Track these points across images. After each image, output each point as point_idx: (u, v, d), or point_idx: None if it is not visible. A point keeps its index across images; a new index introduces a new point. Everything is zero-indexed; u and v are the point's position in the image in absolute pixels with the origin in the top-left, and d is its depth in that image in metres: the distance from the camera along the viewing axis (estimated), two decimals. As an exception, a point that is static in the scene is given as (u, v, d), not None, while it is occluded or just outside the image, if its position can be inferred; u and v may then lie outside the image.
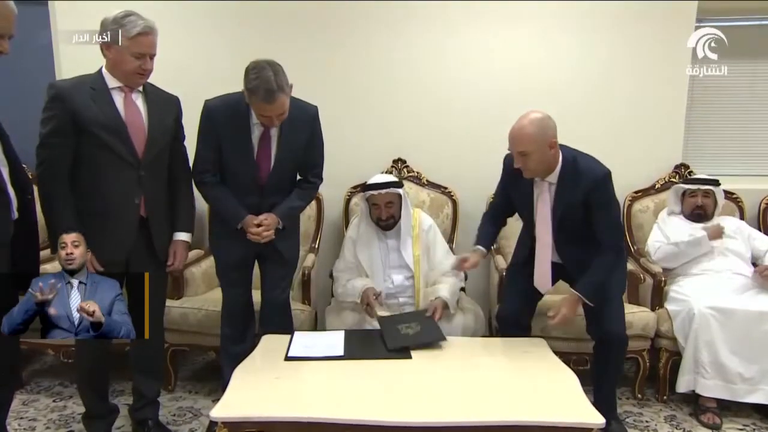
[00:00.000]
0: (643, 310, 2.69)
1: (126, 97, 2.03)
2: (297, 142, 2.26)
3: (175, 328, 2.63)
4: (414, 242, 2.57)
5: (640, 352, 2.66)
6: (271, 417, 1.66)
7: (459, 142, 3.29)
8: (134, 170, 2.03)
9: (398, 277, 2.52)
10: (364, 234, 2.57)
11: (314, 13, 3.20)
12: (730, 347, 2.44)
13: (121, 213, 2.04)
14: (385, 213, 2.55)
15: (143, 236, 2.10)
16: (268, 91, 1.99)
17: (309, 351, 2.06)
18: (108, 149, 1.98)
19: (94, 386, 2.23)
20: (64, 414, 2.55)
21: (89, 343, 2.12)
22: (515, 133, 2.17)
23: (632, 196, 3.25)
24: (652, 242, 2.91)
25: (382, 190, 2.53)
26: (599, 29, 3.19)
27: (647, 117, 3.24)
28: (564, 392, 1.80)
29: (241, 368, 1.93)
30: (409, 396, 1.78)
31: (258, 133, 2.20)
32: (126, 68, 1.97)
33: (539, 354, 2.10)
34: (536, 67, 3.23)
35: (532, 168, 2.18)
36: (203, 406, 2.60)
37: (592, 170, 2.19)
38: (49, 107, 1.93)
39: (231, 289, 2.38)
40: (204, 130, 2.22)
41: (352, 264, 2.58)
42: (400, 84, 3.27)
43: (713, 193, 2.87)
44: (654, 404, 2.68)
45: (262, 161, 2.23)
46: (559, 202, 2.22)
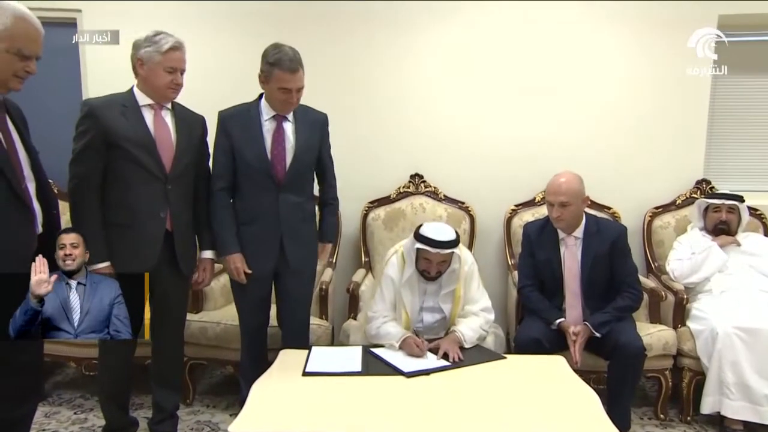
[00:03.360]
0: (664, 328, 2.66)
1: (156, 114, 2.10)
2: (312, 140, 2.31)
3: (193, 341, 2.65)
4: (458, 287, 2.41)
5: (663, 371, 2.63)
6: (287, 432, 1.67)
7: (475, 158, 3.29)
8: (161, 184, 2.08)
9: (429, 317, 2.42)
10: (409, 280, 2.36)
11: (335, 35, 3.25)
12: (756, 368, 2.40)
13: (147, 226, 2.09)
14: (435, 270, 2.32)
15: (167, 250, 2.14)
16: (292, 60, 2.10)
17: (326, 366, 2.06)
18: (137, 163, 2.04)
19: (115, 399, 2.25)
20: (85, 426, 2.57)
21: (112, 357, 2.17)
22: (560, 185, 2.43)
23: (652, 211, 3.22)
24: (672, 260, 2.88)
25: (442, 250, 2.24)
26: (618, 44, 3.19)
27: (668, 131, 3.22)
28: (584, 410, 1.77)
29: (259, 383, 1.94)
30: (427, 414, 1.76)
31: (271, 129, 2.24)
32: (159, 83, 2.04)
33: (559, 372, 2.07)
34: (553, 84, 3.23)
35: (568, 219, 2.45)
36: (221, 420, 2.61)
37: (614, 225, 2.65)
38: (83, 123, 2.01)
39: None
40: (219, 136, 2.27)
41: (390, 305, 2.40)
42: (417, 101, 3.29)
43: (738, 209, 2.84)
44: (678, 425, 2.63)
45: (278, 158, 2.25)
46: (587, 253, 2.49)
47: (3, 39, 1.53)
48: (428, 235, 2.26)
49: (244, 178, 2.26)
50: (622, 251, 2.50)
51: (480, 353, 2.25)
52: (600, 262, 2.47)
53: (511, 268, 3.13)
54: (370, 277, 3.09)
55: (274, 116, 2.24)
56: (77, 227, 2.03)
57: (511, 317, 2.88)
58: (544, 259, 2.56)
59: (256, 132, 2.23)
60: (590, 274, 2.48)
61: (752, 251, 2.80)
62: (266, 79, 2.16)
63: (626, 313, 2.47)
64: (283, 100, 2.17)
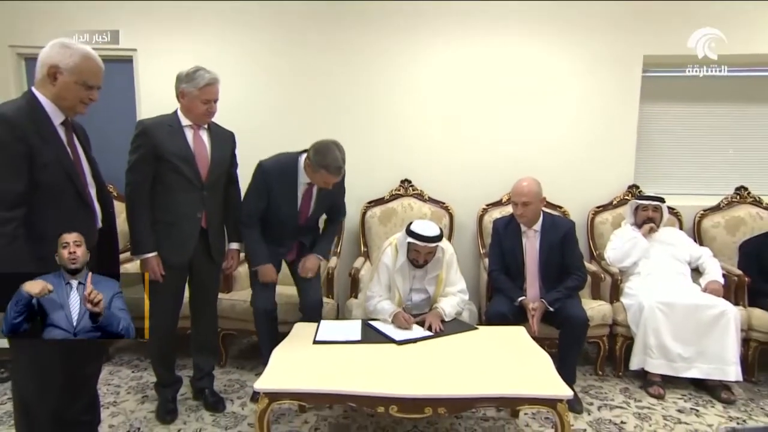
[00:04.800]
0: (603, 303, 2.65)
1: (195, 133, 2.08)
2: (330, 198, 2.36)
3: (225, 315, 2.61)
4: (440, 272, 2.37)
5: (601, 337, 2.62)
6: (302, 389, 1.65)
7: (454, 167, 3.25)
8: (198, 191, 2.06)
9: (417, 297, 2.39)
10: (401, 267, 2.33)
11: (336, 50, 3.20)
12: (673, 334, 2.42)
13: (187, 224, 2.07)
14: (422, 259, 2.30)
15: (203, 243, 2.12)
16: (339, 168, 2.14)
17: (333, 336, 2.03)
18: (179, 173, 2.01)
19: (163, 361, 2.22)
20: (140, 382, 2.55)
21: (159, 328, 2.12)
22: (522, 188, 2.43)
23: (594, 210, 3.20)
24: (608, 249, 2.86)
25: (429, 244, 2.22)
26: (572, 77, 3.17)
27: (606, 147, 3.20)
28: (540, 369, 1.77)
29: (278, 349, 1.91)
30: (414, 373, 1.74)
31: (302, 190, 2.28)
32: (196, 112, 2.03)
33: (520, 340, 2.06)
34: (517, 110, 3.20)
35: (529, 215, 2.45)
36: (248, 379, 2.58)
37: (565, 220, 2.62)
38: (138, 140, 1.99)
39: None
40: (258, 185, 2.25)
41: (385, 287, 2.38)
42: (407, 121, 3.24)
43: (660, 208, 2.82)
44: (611, 379, 2.62)
45: (303, 210, 2.31)
46: (544, 243, 2.48)
47: (73, 73, 1.55)
48: (418, 231, 2.23)
49: (272, 219, 2.30)
50: (571, 242, 2.49)
51: (457, 325, 2.22)
52: (554, 250, 2.47)
53: (482, 255, 3.11)
54: (368, 264, 3.05)
55: (309, 183, 2.27)
56: (131, 223, 2.03)
57: (483, 295, 2.86)
58: (509, 248, 2.54)
59: (293, 194, 2.27)
60: (546, 260, 2.48)
61: (671, 242, 2.79)
62: (316, 170, 2.17)
63: (574, 292, 2.46)
64: (321, 186, 2.24)
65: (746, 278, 2.63)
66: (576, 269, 2.47)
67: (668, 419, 2.22)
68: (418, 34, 3.18)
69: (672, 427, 2.16)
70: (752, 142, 3.26)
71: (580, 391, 2.43)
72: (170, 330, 2.17)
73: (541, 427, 2.14)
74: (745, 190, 3.13)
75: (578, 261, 2.51)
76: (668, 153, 3.32)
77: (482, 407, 2.14)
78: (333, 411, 2.23)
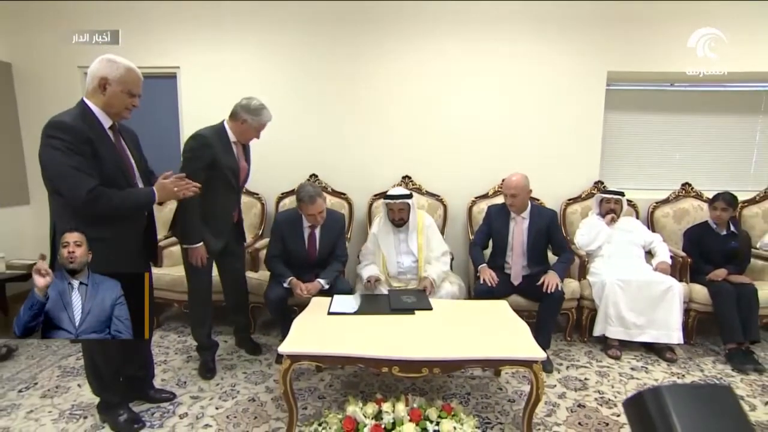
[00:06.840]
0: (573, 281, 2.62)
1: (238, 148, 2.11)
2: (332, 237, 2.38)
3: (253, 291, 2.58)
4: (418, 235, 2.48)
5: (570, 309, 2.59)
6: (319, 352, 1.63)
7: (448, 165, 3.19)
8: (235, 194, 2.15)
9: (406, 260, 2.42)
10: (383, 229, 2.46)
11: (341, 57, 3.12)
12: (629, 306, 2.41)
13: (224, 220, 2.13)
14: (398, 215, 2.46)
15: (234, 232, 2.21)
16: (310, 196, 2.19)
17: (344, 308, 2.01)
18: (225, 181, 2.05)
19: (202, 327, 2.22)
20: (185, 345, 2.54)
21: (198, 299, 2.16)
22: (511, 182, 2.41)
23: (566, 202, 3.14)
24: (577, 235, 2.81)
25: (398, 200, 2.45)
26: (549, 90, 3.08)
27: (577, 149, 3.14)
28: (519, 336, 1.74)
29: (298, 319, 1.89)
30: (412, 340, 1.71)
31: (307, 234, 2.34)
32: (247, 136, 2.09)
33: (503, 312, 2.02)
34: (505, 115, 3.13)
35: (517, 204, 2.43)
36: (273, 344, 2.56)
37: (549, 211, 2.56)
38: (200, 149, 1.96)
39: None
40: (275, 233, 2.34)
41: (373, 250, 2.49)
42: (411, 121, 3.17)
43: (621, 201, 2.77)
44: (578, 344, 2.60)
45: (311, 250, 2.36)
46: (531, 228, 2.46)
47: (119, 83, 1.54)
48: (389, 192, 2.51)
49: (290, 258, 2.34)
50: (556, 228, 2.49)
51: (418, 302, 2.08)
52: (540, 234, 2.45)
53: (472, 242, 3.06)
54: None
55: (311, 226, 2.33)
56: (184, 219, 2.02)
57: (472, 274, 2.81)
58: (497, 230, 2.52)
59: (300, 238, 2.33)
60: (533, 242, 2.46)
61: (629, 229, 2.74)
62: (299, 207, 2.24)
63: (569, 265, 2.46)
64: (311, 220, 2.27)
65: (689, 259, 2.61)
66: (564, 250, 2.47)
67: (623, 375, 2.22)
68: (425, 38, 3.06)
69: (626, 382, 2.16)
70: (696, 147, 3.23)
71: (551, 354, 2.41)
72: (208, 294, 2.18)
73: (519, 384, 2.12)
74: (690, 186, 3.10)
75: (565, 243, 2.51)
76: (628, 155, 3.26)
77: (470, 368, 2.12)
78: (345, 371, 2.22)
